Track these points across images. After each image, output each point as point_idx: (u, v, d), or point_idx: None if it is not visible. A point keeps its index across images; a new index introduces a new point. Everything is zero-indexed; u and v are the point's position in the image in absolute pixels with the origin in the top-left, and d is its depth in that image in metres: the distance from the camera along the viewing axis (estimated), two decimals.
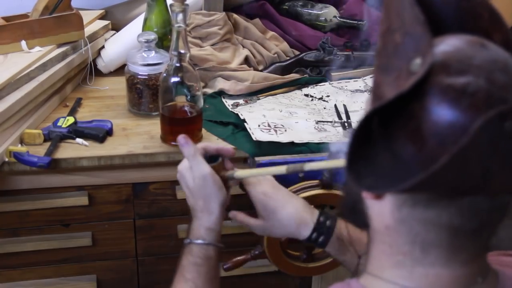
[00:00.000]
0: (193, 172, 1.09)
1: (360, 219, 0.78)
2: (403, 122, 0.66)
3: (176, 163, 1.42)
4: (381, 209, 0.73)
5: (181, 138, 1.09)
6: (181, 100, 1.40)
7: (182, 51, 1.33)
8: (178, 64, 1.34)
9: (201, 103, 1.41)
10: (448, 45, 0.67)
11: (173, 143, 1.39)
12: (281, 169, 1.06)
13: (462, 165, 0.61)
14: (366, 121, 0.65)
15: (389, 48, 0.69)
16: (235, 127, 1.49)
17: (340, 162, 1.00)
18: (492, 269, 0.77)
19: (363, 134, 0.66)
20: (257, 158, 1.39)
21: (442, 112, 0.63)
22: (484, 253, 0.75)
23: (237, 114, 1.52)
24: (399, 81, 0.65)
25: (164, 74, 1.36)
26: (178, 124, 1.42)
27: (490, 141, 0.61)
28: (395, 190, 0.65)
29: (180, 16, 1.28)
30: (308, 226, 1.13)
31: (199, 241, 1.08)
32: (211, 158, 1.12)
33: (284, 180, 1.32)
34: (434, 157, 0.62)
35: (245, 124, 1.47)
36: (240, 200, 1.46)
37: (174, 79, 1.36)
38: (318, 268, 1.36)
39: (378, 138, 0.67)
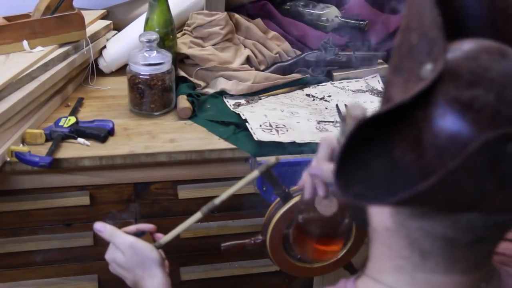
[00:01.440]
0: (119, 247, 1.10)
1: (364, 218, 0.77)
2: (406, 129, 0.63)
3: (177, 163, 1.44)
4: (381, 210, 0.72)
5: (97, 224, 1.13)
6: (183, 99, 1.40)
7: None
8: None
9: None
10: (464, 52, 0.64)
11: None
12: (197, 215, 1.12)
13: (455, 183, 0.59)
14: (366, 124, 0.63)
15: (404, 48, 0.67)
16: (237, 127, 1.49)
17: (246, 180, 1.07)
18: (495, 269, 0.76)
19: (359, 137, 0.63)
20: (258, 158, 1.39)
21: (444, 124, 0.61)
22: (486, 261, 0.73)
23: (238, 114, 1.52)
24: (408, 84, 0.63)
25: None
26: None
27: (488, 162, 0.59)
28: (382, 203, 0.63)
29: None
30: None
31: None
32: (136, 235, 1.14)
33: (285, 180, 1.32)
34: (430, 170, 0.61)
35: (247, 124, 1.47)
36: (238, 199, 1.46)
37: None
38: (319, 268, 1.36)
39: (377, 142, 0.65)
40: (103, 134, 1.42)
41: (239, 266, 1.59)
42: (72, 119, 1.44)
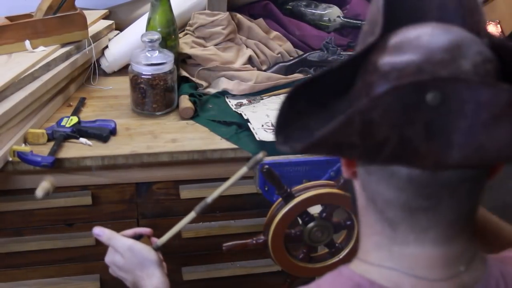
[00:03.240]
0: (118, 250, 1.14)
1: None
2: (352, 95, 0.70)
3: (179, 163, 1.44)
4: (358, 189, 0.75)
5: (95, 229, 1.17)
6: (185, 99, 1.40)
7: None
8: None
9: None
10: (409, 30, 0.69)
11: None
12: (191, 215, 1.15)
13: (365, 128, 0.62)
14: (297, 92, 0.71)
15: (361, 37, 0.74)
16: (239, 127, 1.49)
17: (236, 176, 1.12)
18: (482, 258, 0.76)
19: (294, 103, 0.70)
20: None
21: (373, 88, 0.66)
22: (459, 236, 0.73)
23: (240, 114, 1.52)
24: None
25: None
26: None
27: (404, 109, 0.61)
28: (300, 147, 0.67)
29: None
30: None
31: None
32: (134, 238, 1.18)
33: (287, 180, 1.33)
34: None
35: (249, 124, 1.47)
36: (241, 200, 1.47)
37: None
38: (321, 269, 1.36)
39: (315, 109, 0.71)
40: (105, 134, 1.42)
41: (241, 266, 1.59)
42: (74, 119, 1.44)
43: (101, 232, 1.16)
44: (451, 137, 0.62)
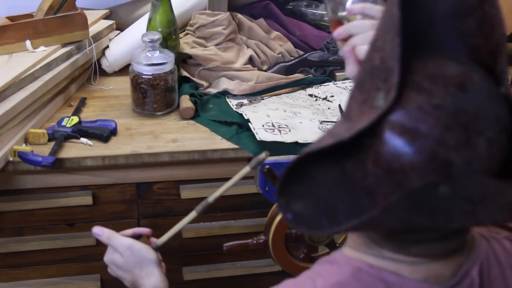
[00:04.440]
0: (117, 249, 1.14)
1: None
2: (355, 150, 0.68)
3: (180, 163, 1.44)
4: None
5: (95, 228, 1.18)
6: (185, 99, 1.40)
7: None
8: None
9: None
10: (422, 89, 0.65)
11: None
12: (192, 214, 1.16)
13: (377, 224, 0.65)
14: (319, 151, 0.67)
15: (367, 66, 0.70)
16: (239, 127, 1.49)
17: (238, 176, 1.13)
18: (471, 238, 0.78)
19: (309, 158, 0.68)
20: None
21: (387, 151, 0.65)
22: (458, 233, 0.75)
23: (241, 114, 1.52)
24: (363, 106, 0.67)
25: None
26: None
27: (410, 206, 0.62)
28: (321, 230, 0.68)
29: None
30: None
31: None
32: (133, 238, 1.18)
33: None
34: (371, 192, 0.66)
35: (249, 124, 1.47)
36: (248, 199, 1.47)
37: None
38: None
39: (328, 159, 0.69)
40: (105, 134, 1.42)
41: (242, 266, 1.59)
42: (75, 119, 1.44)
43: (100, 232, 1.17)
44: (452, 216, 0.64)
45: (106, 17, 1.75)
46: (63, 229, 1.48)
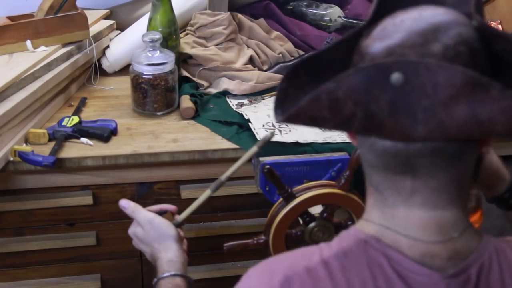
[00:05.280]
0: (139, 222, 1.20)
1: None
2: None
3: (180, 163, 1.44)
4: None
5: (122, 201, 1.23)
6: (186, 99, 1.40)
7: None
8: None
9: None
10: (397, 15, 0.74)
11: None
12: (207, 193, 1.22)
13: (332, 105, 0.70)
14: (296, 69, 0.78)
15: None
16: (240, 127, 1.49)
17: (247, 155, 1.17)
18: (477, 232, 0.80)
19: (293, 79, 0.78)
20: (261, 158, 1.39)
21: (351, 71, 0.70)
22: (448, 204, 0.77)
23: (241, 114, 1.52)
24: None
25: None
26: None
27: (368, 88, 0.68)
28: (282, 118, 0.75)
29: None
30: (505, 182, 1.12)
31: (165, 275, 1.13)
32: (159, 214, 1.23)
33: (288, 180, 1.33)
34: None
35: (250, 124, 1.47)
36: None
37: None
38: None
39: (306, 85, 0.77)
40: (106, 134, 1.42)
41: (242, 266, 1.59)
42: (75, 119, 1.44)
43: (127, 205, 1.22)
44: (415, 113, 0.68)
45: (107, 17, 1.75)
46: (63, 229, 1.48)
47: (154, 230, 1.18)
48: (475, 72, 0.67)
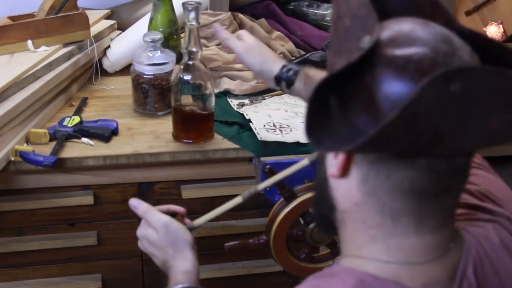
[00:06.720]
0: (153, 225, 1.10)
1: (329, 221, 0.81)
2: (358, 94, 0.69)
3: (181, 163, 1.44)
4: (348, 186, 0.74)
5: (132, 201, 1.13)
6: (187, 99, 1.40)
7: (194, 49, 1.33)
8: (190, 62, 1.35)
9: (211, 102, 1.41)
10: (396, 24, 0.71)
11: (184, 140, 1.42)
12: (237, 200, 1.13)
13: (411, 121, 0.64)
14: (320, 92, 0.68)
15: (340, 32, 0.73)
16: (241, 127, 1.49)
17: (289, 170, 1.10)
18: (457, 229, 0.79)
19: (319, 104, 0.69)
20: (262, 158, 1.39)
21: (391, 80, 0.66)
22: (451, 219, 0.76)
23: (242, 114, 1.52)
24: (350, 58, 0.68)
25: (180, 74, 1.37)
26: (190, 123, 1.42)
27: (437, 100, 0.63)
28: (352, 147, 0.67)
29: (192, 14, 1.30)
30: (279, 63, 1.25)
31: (178, 286, 1.05)
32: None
33: (289, 180, 1.33)
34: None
35: (251, 124, 1.47)
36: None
37: (185, 77, 1.36)
38: (322, 269, 1.36)
39: (335, 108, 0.70)
40: (107, 133, 1.42)
41: (243, 266, 1.59)
42: (76, 119, 1.44)
43: (138, 205, 1.12)
44: (466, 124, 0.65)
45: (108, 17, 1.76)
46: (64, 229, 1.48)
47: (169, 235, 1.08)
48: None
